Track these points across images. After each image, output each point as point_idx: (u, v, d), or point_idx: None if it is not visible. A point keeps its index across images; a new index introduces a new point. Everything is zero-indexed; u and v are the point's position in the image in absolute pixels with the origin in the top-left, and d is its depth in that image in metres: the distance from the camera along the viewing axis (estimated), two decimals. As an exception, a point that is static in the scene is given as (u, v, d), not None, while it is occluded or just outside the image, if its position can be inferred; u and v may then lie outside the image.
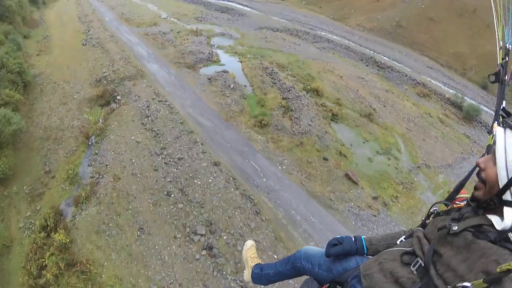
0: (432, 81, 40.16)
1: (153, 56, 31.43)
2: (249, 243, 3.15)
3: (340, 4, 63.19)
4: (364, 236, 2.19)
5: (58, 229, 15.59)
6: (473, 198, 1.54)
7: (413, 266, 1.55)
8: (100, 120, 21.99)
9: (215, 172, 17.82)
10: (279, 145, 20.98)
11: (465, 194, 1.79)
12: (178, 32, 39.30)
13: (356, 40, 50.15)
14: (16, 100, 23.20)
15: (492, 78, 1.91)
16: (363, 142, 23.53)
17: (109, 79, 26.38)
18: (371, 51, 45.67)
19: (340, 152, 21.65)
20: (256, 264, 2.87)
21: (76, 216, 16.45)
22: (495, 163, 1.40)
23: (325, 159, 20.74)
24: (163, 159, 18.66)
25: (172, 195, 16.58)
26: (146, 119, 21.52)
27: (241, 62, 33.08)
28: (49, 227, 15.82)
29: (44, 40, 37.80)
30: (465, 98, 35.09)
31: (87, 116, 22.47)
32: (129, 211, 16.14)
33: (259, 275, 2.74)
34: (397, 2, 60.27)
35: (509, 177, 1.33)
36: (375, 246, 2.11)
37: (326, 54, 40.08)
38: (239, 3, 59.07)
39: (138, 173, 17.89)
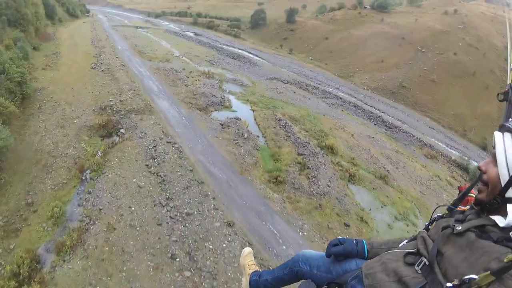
0: (437, 142, 39.65)
1: (164, 93, 29.44)
2: (246, 250, 2.92)
3: (345, 62, 63.78)
4: (366, 240, 2.06)
5: (33, 281, 12.34)
6: (476, 202, 1.50)
7: (417, 266, 1.47)
8: (99, 153, 19.31)
9: (230, 235, 14.93)
10: (297, 206, 18.41)
11: (474, 194, 1.70)
12: (190, 72, 37.92)
13: (361, 98, 50.05)
14: (9, 112, 20.34)
15: (501, 97, 1.72)
16: (381, 207, 21.35)
17: (114, 109, 24.02)
18: (378, 110, 44.94)
19: (361, 217, 19.27)
20: (254, 272, 2.64)
21: (57, 268, 13.08)
22: (495, 165, 1.40)
23: (347, 225, 18.29)
24: (168, 212, 15.80)
25: (178, 259, 13.52)
26: (151, 160, 18.90)
27: (253, 110, 31.49)
28: (21, 276, 12.57)
29: (53, 56, 36.35)
30: (470, 160, 35.03)
31: (84, 146, 19.82)
32: (123, 273, 12.96)
33: (257, 282, 2.52)
34: (400, 64, 61.14)
35: (511, 174, 1.32)
36: (376, 250, 1.97)
37: (335, 111, 39.10)
38: (249, 52, 59.16)
39: (137, 226, 14.94)
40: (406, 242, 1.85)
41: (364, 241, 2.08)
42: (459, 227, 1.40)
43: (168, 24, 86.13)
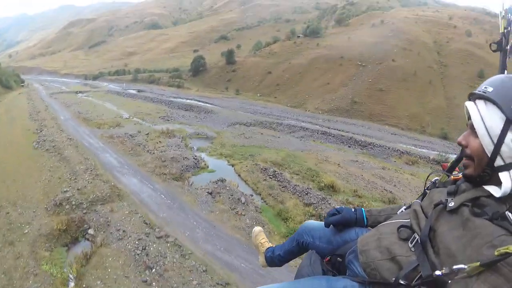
0: (409, 147, 39.60)
1: (128, 166, 24.04)
2: (257, 229, 2.73)
3: (293, 92, 62.44)
4: (364, 208, 1.96)
5: None
6: (465, 178, 1.35)
7: (411, 242, 1.37)
8: (71, 279, 13.66)
9: None
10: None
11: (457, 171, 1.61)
12: (147, 134, 32.90)
13: (321, 123, 49.14)
14: None
15: (494, 46, 1.61)
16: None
17: (73, 202, 18.16)
18: (343, 131, 43.59)
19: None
20: (268, 248, 2.52)
21: None
22: (476, 136, 1.28)
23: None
24: None
25: None
26: (148, 272, 13.44)
27: (232, 165, 27.50)
28: None
29: None
30: (449, 154, 35.75)
31: (48, 269, 13.97)
32: None
33: (271, 257, 2.43)
34: (346, 81, 61.32)
35: (494, 141, 1.22)
36: (375, 217, 1.89)
37: (308, 143, 36.88)
38: (198, 100, 55.50)
39: None
40: (404, 209, 1.75)
41: (363, 209, 1.96)
42: (451, 204, 1.27)
43: (108, 85, 79.58)
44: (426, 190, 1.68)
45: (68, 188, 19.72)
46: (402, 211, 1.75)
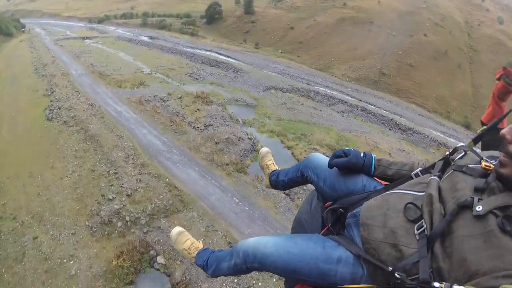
0: (441, 135, 35.00)
1: (176, 150, 18.02)
2: (264, 150, 2.61)
3: (318, 53, 55.39)
4: (375, 155, 1.71)
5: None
6: (499, 177, 1.09)
7: (417, 229, 1.17)
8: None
9: None
10: None
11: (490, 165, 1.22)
12: (180, 97, 26.36)
13: (351, 93, 43.12)
14: None
15: None
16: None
17: (127, 218, 12.47)
18: (382, 109, 38.37)
19: None
20: (273, 171, 2.38)
21: None
22: None
23: None
24: None
25: None
26: None
27: (289, 148, 22.24)
28: None
29: None
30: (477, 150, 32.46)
31: None
32: None
33: (276, 181, 2.30)
34: (374, 50, 54.65)
35: None
36: (383, 168, 1.66)
37: (352, 121, 31.72)
38: (218, 53, 47.86)
39: None
40: (420, 171, 1.49)
41: (373, 156, 1.70)
42: (478, 208, 1.03)
43: (116, 30, 67.46)
44: (449, 157, 1.39)
45: (112, 193, 13.86)
46: (418, 173, 1.48)
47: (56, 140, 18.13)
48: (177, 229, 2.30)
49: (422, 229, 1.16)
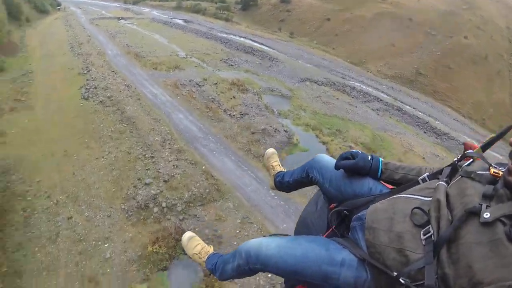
0: (471, 141, 32.24)
1: (212, 138, 17.37)
2: (270, 150, 2.55)
3: (353, 47, 53.19)
4: (382, 159, 1.66)
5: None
6: (508, 185, 1.06)
7: (424, 234, 1.13)
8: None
9: None
10: None
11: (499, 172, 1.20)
12: (216, 83, 25.64)
13: (386, 90, 41.25)
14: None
15: None
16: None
17: (163, 204, 12.02)
18: (416, 110, 36.47)
19: None
20: (278, 173, 2.33)
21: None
22: None
23: None
24: None
25: None
26: None
27: (324, 143, 21.22)
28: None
29: (23, 79, 22.32)
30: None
31: None
32: None
33: (281, 182, 2.23)
34: (413, 48, 51.88)
35: None
36: (391, 172, 1.61)
37: (387, 120, 30.25)
38: (253, 40, 46.66)
39: None
40: (428, 177, 1.44)
41: (380, 160, 1.66)
42: (486, 215, 1.00)
43: (151, 11, 66.59)
44: (457, 164, 1.37)
45: (149, 178, 13.34)
46: (425, 178, 1.44)
47: (92, 120, 17.75)
48: (187, 234, 2.17)
49: (429, 234, 1.12)
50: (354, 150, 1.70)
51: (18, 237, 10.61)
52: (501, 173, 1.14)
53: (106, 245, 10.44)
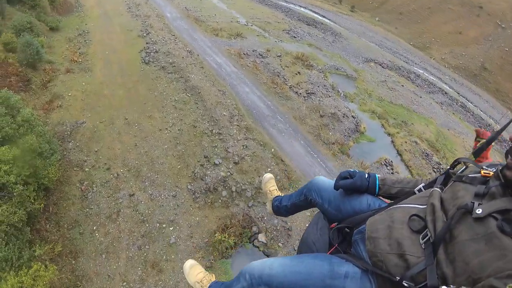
0: None
1: (281, 117, 15.32)
2: (267, 176, 2.50)
3: (418, 29, 47.91)
4: (379, 175, 1.65)
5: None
6: (506, 180, 1.06)
7: (422, 239, 1.14)
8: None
9: None
10: None
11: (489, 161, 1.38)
12: (279, 56, 23.31)
13: (449, 81, 37.50)
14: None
15: None
16: None
17: (233, 189, 10.63)
18: (479, 109, 32.51)
19: None
20: (276, 197, 2.31)
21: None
22: None
23: None
24: None
25: None
26: None
27: (389, 135, 19.12)
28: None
29: (79, 40, 20.24)
30: None
31: None
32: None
33: (278, 207, 2.22)
34: (480, 39, 45.86)
35: None
36: (388, 187, 1.60)
37: (450, 117, 27.10)
38: (313, 11, 42.91)
39: None
40: (423, 187, 1.45)
41: (377, 176, 1.66)
42: (479, 211, 1.01)
43: None
44: (450, 171, 1.35)
45: (218, 158, 11.70)
46: (420, 189, 1.45)
47: (154, 87, 15.90)
48: (189, 262, 2.05)
49: (427, 238, 1.12)
50: (352, 170, 1.67)
51: (74, 213, 9.43)
52: (491, 173, 1.14)
53: (171, 229, 9.25)
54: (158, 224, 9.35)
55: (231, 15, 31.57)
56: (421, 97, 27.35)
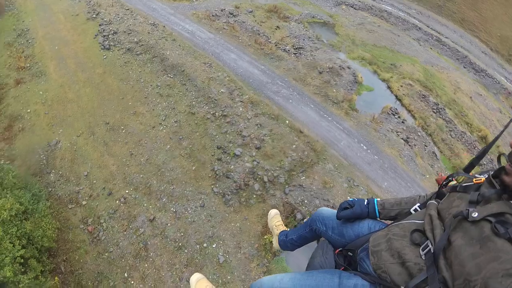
0: (501, 78, 29.45)
1: (281, 82, 13.50)
2: (273, 212, 2.61)
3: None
4: (378, 199, 1.75)
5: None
6: (502, 185, 1.11)
7: (422, 250, 1.18)
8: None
9: None
10: None
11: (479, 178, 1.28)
12: (251, 12, 20.74)
13: (416, 15, 36.32)
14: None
15: None
16: None
17: (265, 179, 9.12)
18: (455, 44, 32.51)
19: None
20: (282, 231, 2.39)
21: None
22: None
23: None
24: None
25: None
26: None
27: (384, 81, 18.46)
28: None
29: (20, 40, 16.55)
30: None
31: None
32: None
33: (284, 241, 2.28)
34: (440, -32, 45.50)
35: None
36: (388, 211, 1.69)
37: (430, 53, 26.74)
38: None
39: None
40: (419, 207, 1.54)
41: (376, 201, 1.74)
42: (475, 214, 1.05)
43: None
44: (442, 189, 1.41)
45: (236, 147, 9.91)
46: (416, 208, 1.55)
47: (126, 75, 13.14)
48: (196, 276, 2.13)
49: (427, 249, 1.14)
50: (351, 199, 1.74)
51: (93, 263, 7.49)
52: (483, 179, 1.18)
53: (214, 246, 7.69)
54: (197, 246, 7.76)
55: (185, -24, 27.63)
56: (399, 35, 26.55)
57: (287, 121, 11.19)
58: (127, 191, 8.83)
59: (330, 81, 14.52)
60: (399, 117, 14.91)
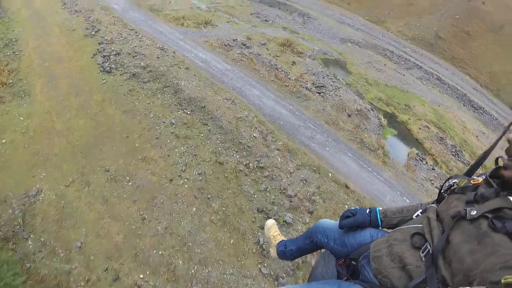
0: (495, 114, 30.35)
1: (312, 125, 12.59)
2: (270, 222, 2.59)
3: (368, 3, 47.90)
4: (380, 208, 1.75)
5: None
6: (501, 179, 1.11)
7: (422, 252, 1.18)
8: None
9: None
10: None
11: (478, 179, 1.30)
12: (264, 44, 20.39)
13: (411, 53, 37.62)
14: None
15: None
16: None
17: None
18: (453, 82, 33.55)
19: None
20: (280, 242, 2.39)
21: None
22: None
23: None
24: None
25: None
26: None
27: (403, 123, 18.10)
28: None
29: (5, 51, 14.81)
30: None
31: None
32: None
33: (283, 252, 2.29)
34: (431, 8, 47.51)
35: None
36: (390, 219, 1.68)
37: (433, 92, 27.27)
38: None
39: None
40: (421, 213, 1.55)
41: (377, 210, 1.74)
42: (473, 212, 1.06)
43: None
44: (443, 193, 1.40)
45: (283, 211, 8.53)
46: (418, 214, 1.54)
47: (132, 107, 11.24)
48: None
49: (427, 251, 1.14)
50: (353, 208, 1.73)
51: None
52: (480, 180, 1.19)
53: None
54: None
55: (188, 1, 27.27)
56: (404, 75, 26.90)
57: (329, 174, 10.21)
58: (141, 276, 6.37)
59: (360, 125, 13.88)
60: (426, 162, 14.36)
